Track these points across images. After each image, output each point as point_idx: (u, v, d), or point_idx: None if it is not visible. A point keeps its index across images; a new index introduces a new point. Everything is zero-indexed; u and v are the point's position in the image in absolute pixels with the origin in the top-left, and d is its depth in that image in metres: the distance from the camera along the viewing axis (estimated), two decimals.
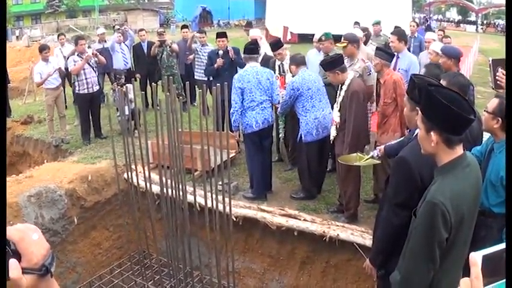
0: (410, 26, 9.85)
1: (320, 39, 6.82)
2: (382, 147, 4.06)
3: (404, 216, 2.68)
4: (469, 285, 0.85)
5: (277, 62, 6.80)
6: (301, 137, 5.80)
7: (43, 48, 8.50)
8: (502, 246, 0.95)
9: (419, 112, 2.32)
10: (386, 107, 5.16)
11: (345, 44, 6.00)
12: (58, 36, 10.96)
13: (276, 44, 6.89)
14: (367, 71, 6.06)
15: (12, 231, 0.98)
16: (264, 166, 6.12)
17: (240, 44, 8.99)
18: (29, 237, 0.98)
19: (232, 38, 12.10)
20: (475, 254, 0.87)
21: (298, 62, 5.93)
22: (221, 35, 8.04)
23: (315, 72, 6.10)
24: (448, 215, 2.19)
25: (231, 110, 5.74)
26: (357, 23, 10.63)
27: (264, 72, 5.92)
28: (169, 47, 9.67)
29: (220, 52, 7.76)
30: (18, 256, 0.96)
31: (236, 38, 16.55)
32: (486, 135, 3.60)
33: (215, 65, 7.70)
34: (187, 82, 5.23)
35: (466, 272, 0.89)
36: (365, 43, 7.76)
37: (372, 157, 4.19)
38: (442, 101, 2.13)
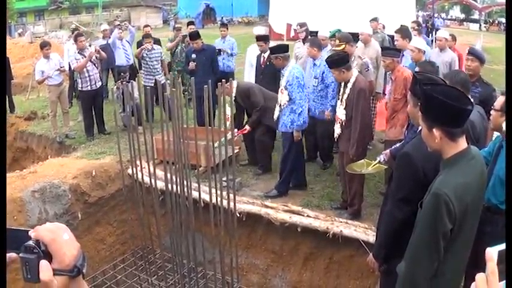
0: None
1: (333, 36, 6.85)
2: (388, 151, 4.09)
3: (407, 211, 2.70)
4: (484, 281, 0.85)
5: None
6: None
7: (44, 45, 8.45)
8: None
9: (420, 112, 2.35)
10: (396, 102, 5.21)
11: (344, 46, 6.03)
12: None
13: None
14: (364, 67, 6.13)
15: (44, 232, 0.95)
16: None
17: (242, 40, 8.97)
18: (60, 238, 0.96)
19: (235, 34, 12.08)
20: (491, 249, 0.85)
21: (321, 46, 5.94)
22: (194, 36, 7.88)
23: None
24: (452, 205, 2.22)
25: (300, 109, 5.56)
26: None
27: None
28: (183, 43, 9.75)
29: (193, 56, 7.82)
30: (49, 257, 0.94)
31: (239, 34, 16.49)
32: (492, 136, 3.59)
33: (188, 68, 7.92)
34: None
35: (481, 267, 0.88)
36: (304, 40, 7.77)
37: (379, 162, 4.19)
38: (438, 98, 2.18)
